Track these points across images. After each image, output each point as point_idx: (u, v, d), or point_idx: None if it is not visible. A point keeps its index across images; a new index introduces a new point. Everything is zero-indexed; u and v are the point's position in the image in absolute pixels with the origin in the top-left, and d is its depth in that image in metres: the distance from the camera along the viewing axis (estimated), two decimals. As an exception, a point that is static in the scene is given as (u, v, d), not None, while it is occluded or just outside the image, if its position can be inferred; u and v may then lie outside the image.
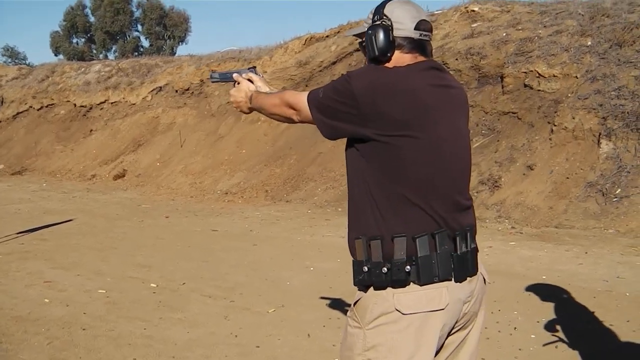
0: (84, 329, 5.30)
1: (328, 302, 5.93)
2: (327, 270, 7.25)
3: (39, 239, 9.50)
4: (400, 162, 2.19)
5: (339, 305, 5.58)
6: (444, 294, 2.20)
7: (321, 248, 8.61)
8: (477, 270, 2.35)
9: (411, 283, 2.19)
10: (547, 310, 5.55)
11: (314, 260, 7.89)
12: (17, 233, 9.88)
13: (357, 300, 2.30)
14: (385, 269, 2.19)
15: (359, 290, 2.31)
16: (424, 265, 2.18)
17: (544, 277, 6.82)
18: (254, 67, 2.95)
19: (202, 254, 8.36)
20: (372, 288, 2.25)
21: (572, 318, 5.35)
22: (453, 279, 2.22)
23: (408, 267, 2.17)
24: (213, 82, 3.01)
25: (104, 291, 6.54)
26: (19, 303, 6.10)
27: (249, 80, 2.84)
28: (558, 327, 5.03)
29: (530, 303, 5.84)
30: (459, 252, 2.24)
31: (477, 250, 2.38)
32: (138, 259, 8.09)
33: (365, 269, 2.24)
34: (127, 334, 5.19)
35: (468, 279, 2.29)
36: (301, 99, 2.42)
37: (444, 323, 2.22)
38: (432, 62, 2.36)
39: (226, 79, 2.93)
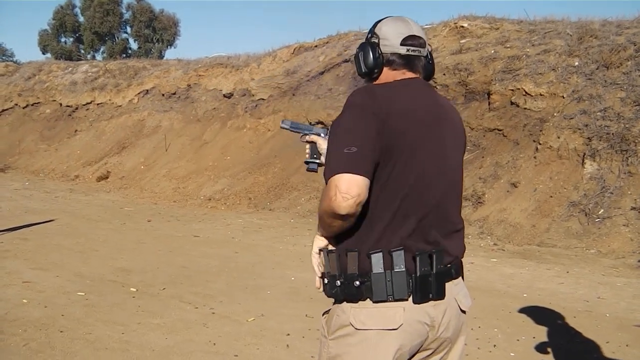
0: (61, 331, 5.25)
1: (308, 312, 5.92)
2: (308, 281, 7.20)
3: (20, 238, 9.43)
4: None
5: (319, 316, 5.55)
6: (399, 314, 2.17)
7: (303, 258, 8.57)
8: (444, 296, 2.25)
9: (367, 299, 2.19)
10: (527, 329, 5.56)
11: (295, 269, 7.86)
12: (-3, 231, 9.82)
13: (327, 310, 2.35)
14: (339, 282, 2.22)
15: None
16: (376, 282, 2.17)
17: (525, 295, 6.83)
18: (326, 128, 2.75)
19: (183, 260, 8.31)
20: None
21: (552, 337, 5.36)
22: (411, 300, 2.18)
23: (357, 282, 2.18)
24: (282, 128, 2.95)
25: (83, 294, 6.49)
26: (-4, 303, 6.05)
27: (312, 142, 2.74)
28: (538, 346, 5.03)
29: (511, 321, 5.85)
30: (418, 274, 2.18)
31: (452, 276, 2.30)
32: (119, 262, 8.04)
33: (325, 280, 2.30)
34: (105, 338, 5.14)
35: (432, 302, 2.22)
36: (350, 183, 2.09)
37: (400, 344, 2.18)
38: (419, 82, 2.34)
39: (295, 130, 2.85)
